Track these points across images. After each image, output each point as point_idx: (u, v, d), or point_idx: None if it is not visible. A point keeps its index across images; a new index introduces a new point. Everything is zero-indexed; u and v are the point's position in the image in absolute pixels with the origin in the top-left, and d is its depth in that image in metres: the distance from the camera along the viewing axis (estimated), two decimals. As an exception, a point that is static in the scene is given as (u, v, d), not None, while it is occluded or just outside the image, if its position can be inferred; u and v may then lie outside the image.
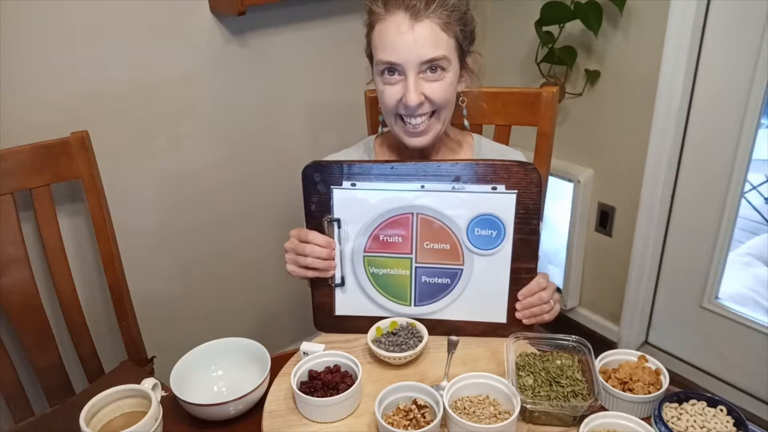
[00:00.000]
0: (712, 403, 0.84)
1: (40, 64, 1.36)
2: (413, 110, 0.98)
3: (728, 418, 0.82)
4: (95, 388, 1.19)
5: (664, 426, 0.80)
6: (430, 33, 0.94)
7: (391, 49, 0.95)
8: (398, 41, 0.94)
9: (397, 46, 0.94)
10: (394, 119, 1.02)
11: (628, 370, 0.90)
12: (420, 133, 1.02)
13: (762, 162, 2.75)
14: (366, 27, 1.02)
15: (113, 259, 1.35)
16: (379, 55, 0.97)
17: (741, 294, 1.98)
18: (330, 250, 1.00)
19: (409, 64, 0.95)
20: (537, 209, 0.97)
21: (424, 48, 0.94)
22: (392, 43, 0.95)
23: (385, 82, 0.99)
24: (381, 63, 0.97)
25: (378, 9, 0.97)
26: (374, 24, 0.98)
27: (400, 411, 0.84)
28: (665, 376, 0.89)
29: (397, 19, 0.94)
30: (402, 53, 0.95)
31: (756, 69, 1.53)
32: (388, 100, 0.99)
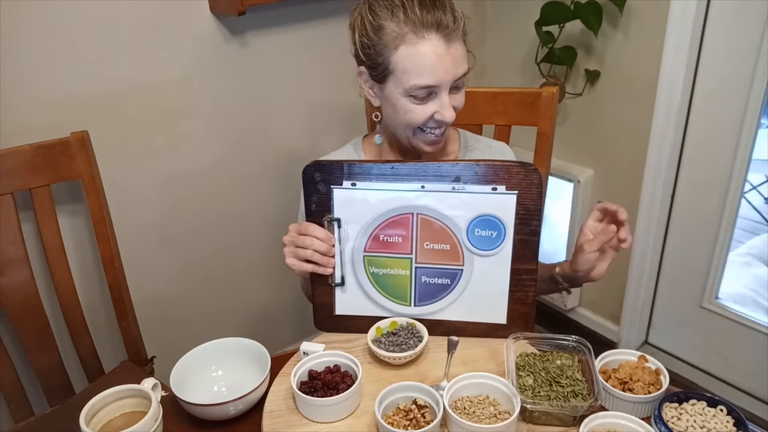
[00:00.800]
0: (712, 403, 0.84)
1: (40, 64, 1.36)
2: (447, 124, 1.00)
3: (728, 418, 0.82)
4: (95, 388, 1.19)
5: (664, 426, 0.80)
6: (461, 51, 0.96)
7: (431, 72, 0.94)
8: (438, 65, 0.94)
9: (436, 70, 0.94)
10: (413, 131, 1.02)
11: (628, 370, 0.90)
12: (439, 140, 1.04)
13: (762, 162, 2.75)
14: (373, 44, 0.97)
15: (113, 259, 1.35)
16: (414, 80, 0.95)
17: (741, 294, 1.98)
18: (329, 244, 1.00)
19: (447, 84, 0.96)
20: (537, 210, 0.96)
21: (458, 68, 0.96)
22: (432, 66, 0.94)
23: (416, 103, 0.98)
24: (417, 87, 0.95)
25: (399, 28, 0.93)
26: (396, 45, 0.94)
27: (400, 411, 0.84)
28: (665, 376, 0.89)
29: (432, 42, 0.93)
30: (441, 76, 0.95)
31: (756, 69, 1.53)
32: (418, 118, 0.99)
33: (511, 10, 1.96)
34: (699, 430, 0.80)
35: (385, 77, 0.99)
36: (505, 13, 1.98)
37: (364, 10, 0.98)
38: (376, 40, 0.96)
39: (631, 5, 1.65)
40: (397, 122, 1.03)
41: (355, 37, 1.01)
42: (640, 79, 1.69)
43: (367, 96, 1.06)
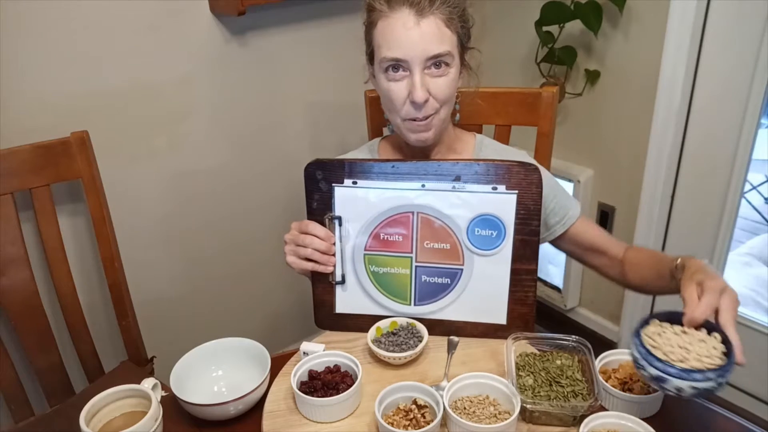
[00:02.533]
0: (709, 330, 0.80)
1: (40, 65, 1.36)
2: (419, 107, 0.98)
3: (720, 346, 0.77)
4: (95, 388, 1.19)
5: (638, 338, 0.79)
6: (436, 29, 0.95)
7: (397, 45, 0.95)
8: (404, 37, 0.94)
9: (402, 42, 0.94)
10: (401, 119, 1.02)
11: (628, 370, 0.90)
12: (424, 129, 1.01)
13: (762, 162, 2.75)
14: (366, 26, 1.01)
15: (113, 259, 1.35)
16: (384, 53, 0.96)
17: (741, 294, 1.96)
18: (329, 243, 1.00)
19: (416, 60, 0.95)
20: (537, 210, 0.96)
21: (431, 44, 0.95)
22: (398, 39, 0.95)
23: (390, 79, 0.98)
24: (386, 60, 0.96)
25: (380, 6, 0.96)
26: (376, 22, 0.97)
27: (400, 411, 0.84)
28: None
29: (402, 15, 0.94)
30: (408, 49, 0.94)
31: (756, 69, 1.53)
32: (394, 97, 0.99)
33: (511, 10, 1.96)
34: (675, 348, 0.77)
35: (372, 57, 1.01)
36: (505, 13, 1.98)
37: None
38: (367, 19, 1.00)
39: (631, 5, 1.65)
40: (385, 107, 1.04)
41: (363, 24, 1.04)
42: (640, 79, 1.69)
43: (373, 86, 1.07)
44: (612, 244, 1.13)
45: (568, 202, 1.12)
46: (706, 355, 0.76)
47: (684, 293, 0.83)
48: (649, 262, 1.05)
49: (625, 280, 1.11)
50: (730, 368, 0.75)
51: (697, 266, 0.88)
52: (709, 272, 0.85)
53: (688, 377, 0.74)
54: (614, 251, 1.12)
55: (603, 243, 1.13)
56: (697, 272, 0.86)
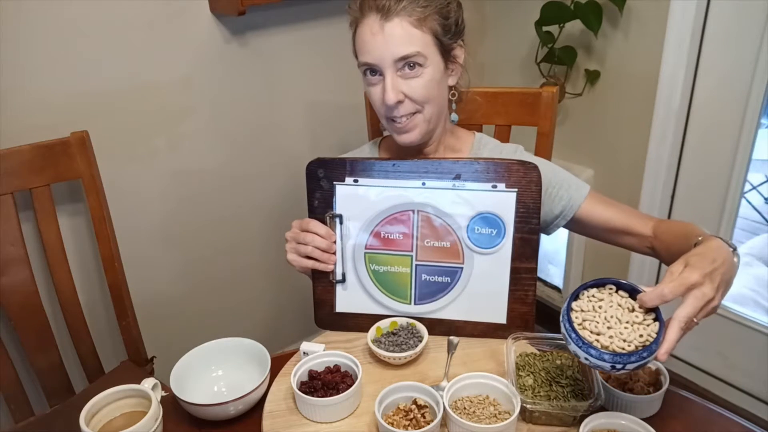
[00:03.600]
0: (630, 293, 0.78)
1: (40, 64, 1.36)
2: (392, 109, 0.99)
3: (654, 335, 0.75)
4: (95, 388, 1.19)
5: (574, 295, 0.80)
6: (401, 31, 0.95)
7: (366, 50, 0.97)
8: (371, 42, 0.96)
9: (370, 47, 0.96)
10: (386, 120, 1.04)
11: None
12: (406, 129, 1.02)
13: (762, 162, 2.75)
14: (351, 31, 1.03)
15: (113, 259, 1.35)
16: (359, 58, 1.00)
17: (741, 294, 1.98)
18: (330, 241, 1.00)
19: (384, 63, 0.96)
20: (537, 208, 0.96)
21: (396, 46, 0.95)
22: (366, 44, 0.97)
23: (369, 83, 1.01)
24: (360, 65, 1.00)
25: (355, 12, 0.99)
26: (356, 28, 1.00)
27: (400, 411, 0.84)
28: (665, 376, 0.89)
29: (370, 20, 0.96)
30: (375, 54, 0.96)
31: (756, 69, 1.53)
32: (375, 100, 1.01)
33: (511, 10, 1.96)
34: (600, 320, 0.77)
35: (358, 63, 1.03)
36: (505, 13, 1.98)
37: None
38: (352, 31, 1.02)
39: (631, 5, 1.65)
40: (374, 109, 1.05)
41: None
42: (640, 79, 1.69)
43: None
44: (635, 221, 1.04)
45: (573, 186, 1.08)
46: (626, 339, 0.75)
47: (668, 269, 0.78)
48: (678, 242, 0.94)
49: (659, 257, 1.03)
50: (635, 360, 0.73)
51: (706, 248, 0.82)
52: (706, 259, 0.78)
53: (583, 348, 0.75)
54: (639, 229, 1.03)
55: (623, 222, 1.05)
56: (697, 254, 0.79)
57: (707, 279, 0.76)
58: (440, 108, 1.04)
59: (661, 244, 1.01)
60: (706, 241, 0.85)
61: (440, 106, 1.04)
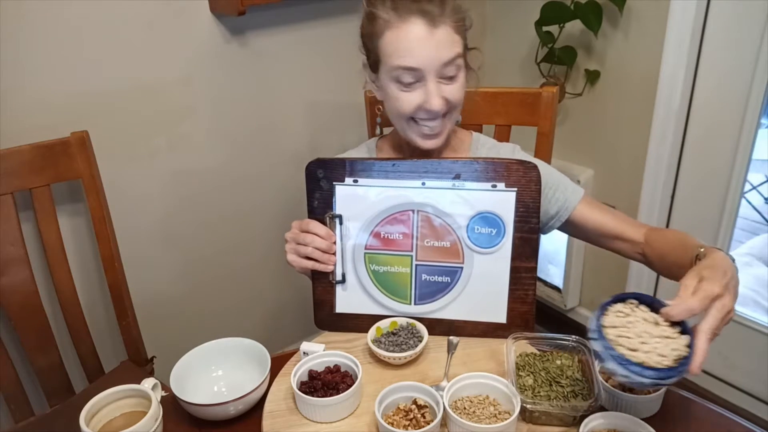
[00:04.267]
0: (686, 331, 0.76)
1: (40, 64, 1.36)
2: (436, 114, 0.99)
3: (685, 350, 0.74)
4: (95, 388, 1.19)
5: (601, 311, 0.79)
6: (447, 36, 0.95)
7: (410, 54, 0.94)
8: (418, 47, 0.94)
9: (416, 51, 0.94)
10: (407, 123, 1.02)
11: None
12: (436, 135, 1.02)
13: (762, 162, 2.75)
14: (367, 34, 1.00)
15: (113, 259, 1.35)
16: (395, 61, 0.96)
17: (741, 294, 1.96)
18: (330, 242, 1.00)
19: (430, 68, 0.95)
20: (536, 208, 0.97)
21: (444, 51, 0.95)
22: (411, 48, 0.94)
23: (402, 89, 0.98)
24: (398, 68, 0.96)
25: (387, 15, 0.95)
26: (382, 31, 0.96)
27: (400, 411, 0.84)
28: None
29: (414, 26, 0.94)
30: (423, 58, 0.94)
31: (756, 69, 1.53)
32: (405, 107, 0.98)
33: (511, 10, 1.96)
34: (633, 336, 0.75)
35: (377, 65, 1.01)
36: (505, 13, 1.98)
37: (363, 1, 1.00)
38: (370, 29, 0.99)
39: (631, 5, 1.65)
40: (391, 113, 1.04)
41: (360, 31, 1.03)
42: (640, 79, 1.69)
43: (373, 90, 1.08)
44: (627, 227, 1.06)
45: (569, 188, 1.10)
46: (661, 354, 0.74)
47: (682, 282, 0.79)
48: (674, 252, 0.96)
49: (649, 265, 1.05)
50: (674, 375, 0.72)
51: (714, 260, 0.83)
52: (719, 271, 0.79)
53: (624, 366, 0.72)
54: (631, 235, 1.05)
55: (615, 227, 1.07)
56: (708, 267, 0.80)
57: (726, 290, 0.77)
58: (459, 112, 1.05)
59: (654, 251, 1.02)
60: (711, 254, 0.86)
61: (460, 110, 1.05)
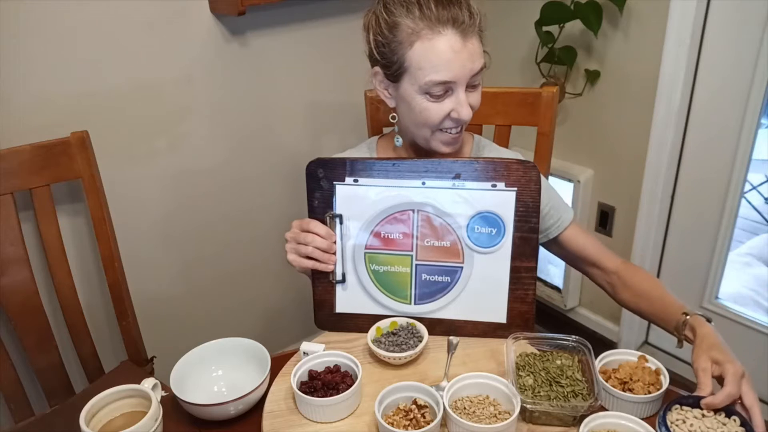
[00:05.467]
0: (728, 413, 0.82)
1: (39, 64, 1.36)
2: (464, 122, 1.00)
3: (740, 429, 0.80)
4: (95, 388, 1.19)
5: (666, 428, 0.79)
6: (477, 47, 0.96)
7: (447, 68, 0.93)
8: (453, 60, 0.93)
9: (452, 65, 0.93)
10: (431, 132, 1.01)
11: (628, 370, 0.90)
12: (456, 140, 1.03)
13: (762, 162, 2.75)
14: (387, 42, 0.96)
15: (113, 259, 1.35)
16: (429, 76, 0.94)
17: (741, 294, 1.98)
18: (330, 242, 1.00)
19: (462, 80, 0.96)
20: (536, 207, 0.97)
21: (475, 62, 0.96)
22: (447, 62, 0.93)
23: (432, 101, 0.97)
24: (433, 84, 0.94)
25: (414, 25, 0.93)
26: (411, 41, 0.94)
27: (400, 411, 0.84)
28: (665, 376, 0.89)
29: (447, 38, 0.93)
30: (458, 72, 0.94)
31: (756, 69, 1.53)
32: (434, 117, 0.98)
33: (511, 10, 1.96)
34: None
35: (399, 76, 0.98)
36: (505, 13, 1.98)
37: (378, 8, 0.98)
38: (391, 38, 0.96)
39: (631, 5, 1.65)
40: (413, 122, 1.02)
41: (369, 37, 1.00)
42: (640, 79, 1.69)
43: (382, 97, 1.05)
44: (605, 256, 1.11)
45: (562, 207, 1.13)
46: None
47: (699, 367, 0.86)
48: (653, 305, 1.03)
49: (615, 295, 1.11)
50: None
51: (711, 339, 0.89)
52: (725, 350, 0.86)
53: None
54: (606, 264, 1.11)
55: (595, 253, 1.12)
56: (712, 348, 0.87)
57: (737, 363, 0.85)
58: None
59: (627, 290, 1.08)
60: (700, 328, 0.92)
61: None
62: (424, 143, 1.04)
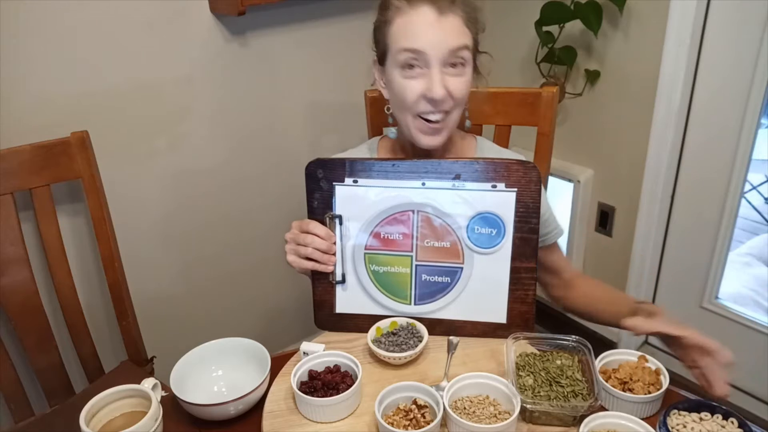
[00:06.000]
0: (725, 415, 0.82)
1: (40, 64, 1.36)
2: (438, 104, 0.97)
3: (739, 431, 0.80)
4: (95, 388, 1.19)
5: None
6: (455, 25, 0.95)
7: (416, 37, 0.94)
8: (425, 31, 0.94)
9: (424, 34, 0.94)
10: (412, 117, 1.01)
11: (628, 370, 0.90)
12: (436, 131, 1.00)
13: (762, 162, 2.75)
14: (378, 25, 1.01)
15: (113, 259, 1.35)
16: (402, 43, 0.95)
17: (741, 294, 1.98)
18: (330, 242, 1.00)
19: (435, 54, 0.94)
20: (536, 208, 0.96)
21: (451, 38, 0.94)
22: (418, 32, 0.94)
23: (406, 76, 0.97)
24: (404, 51, 0.95)
25: (399, 3, 0.96)
26: (393, 19, 0.97)
27: (400, 411, 0.84)
28: (665, 376, 0.89)
29: (422, 11, 0.94)
30: (428, 42, 0.94)
31: (756, 69, 1.53)
32: (409, 95, 0.97)
33: (511, 10, 1.96)
34: None
35: (385, 55, 1.00)
36: (505, 13, 1.98)
37: None
38: (381, 19, 1.00)
39: (631, 5, 1.65)
40: (396, 106, 1.02)
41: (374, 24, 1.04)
42: (640, 79, 1.69)
43: (379, 88, 1.06)
44: (568, 268, 1.19)
45: (553, 223, 1.15)
46: None
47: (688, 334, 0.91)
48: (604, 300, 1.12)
49: (566, 302, 1.18)
50: None
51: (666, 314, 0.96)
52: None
53: None
54: (566, 275, 1.17)
55: (562, 266, 1.18)
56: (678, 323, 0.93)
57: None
58: (461, 113, 1.04)
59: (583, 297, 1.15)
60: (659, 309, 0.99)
61: (462, 110, 1.04)
62: (408, 134, 1.03)
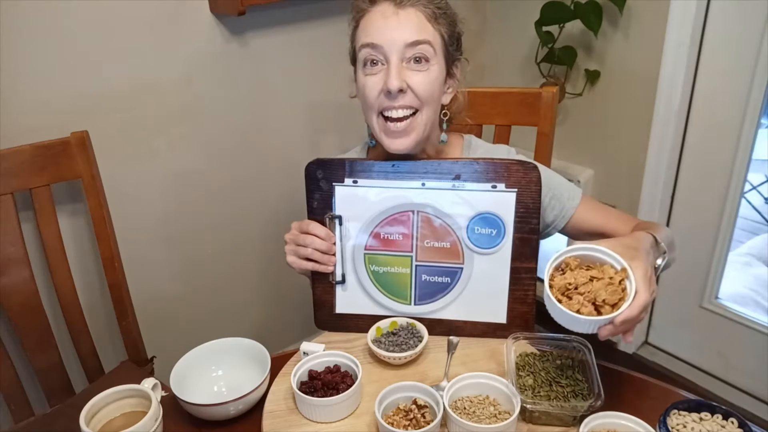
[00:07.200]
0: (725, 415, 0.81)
1: (39, 65, 1.36)
2: (395, 98, 0.93)
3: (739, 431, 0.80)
4: (95, 388, 1.19)
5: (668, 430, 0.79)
6: (415, 18, 0.94)
7: (374, 31, 0.94)
8: (381, 25, 0.94)
9: (380, 29, 0.93)
10: (376, 117, 0.98)
11: (581, 276, 0.79)
12: (401, 132, 0.96)
13: (762, 162, 2.75)
14: (352, 29, 1.01)
15: (113, 259, 1.35)
16: (362, 40, 0.95)
17: (741, 294, 1.98)
18: (329, 243, 1.00)
19: (392, 47, 0.93)
20: (537, 208, 0.96)
21: (408, 31, 0.93)
22: (376, 27, 0.94)
23: (367, 73, 0.96)
24: (363, 47, 0.95)
25: (363, 4, 0.97)
26: (359, 20, 0.97)
27: (400, 411, 0.84)
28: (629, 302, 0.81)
29: (382, 7, 0.95)
30: (385, 36, 0.93)
31: (756, 69, 1.53)
32: (369, 91, 0.95)
33: (511, 10, 1.96)
34: None
35: (354, 57, 1.00)
36: (505, 13, 1.98)
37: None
38: (352, 24, 1.00)
39: (631, 5, 1.65)
40: (364, 109, 1.00)
41: None
42: (640, 79, 1.69)
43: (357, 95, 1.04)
44: (620, 225, 1.05)
45: (565, 195, 1.06)
46: None
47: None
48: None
49: None
50: None
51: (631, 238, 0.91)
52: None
53: None
54: (622, 233, 1.03)
55: (610, 227, 1.05)
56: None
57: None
58: (435, 117, 1.00)
59: None
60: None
61: (435, 114, 1.00)
62: (378, 138, 1.00)
